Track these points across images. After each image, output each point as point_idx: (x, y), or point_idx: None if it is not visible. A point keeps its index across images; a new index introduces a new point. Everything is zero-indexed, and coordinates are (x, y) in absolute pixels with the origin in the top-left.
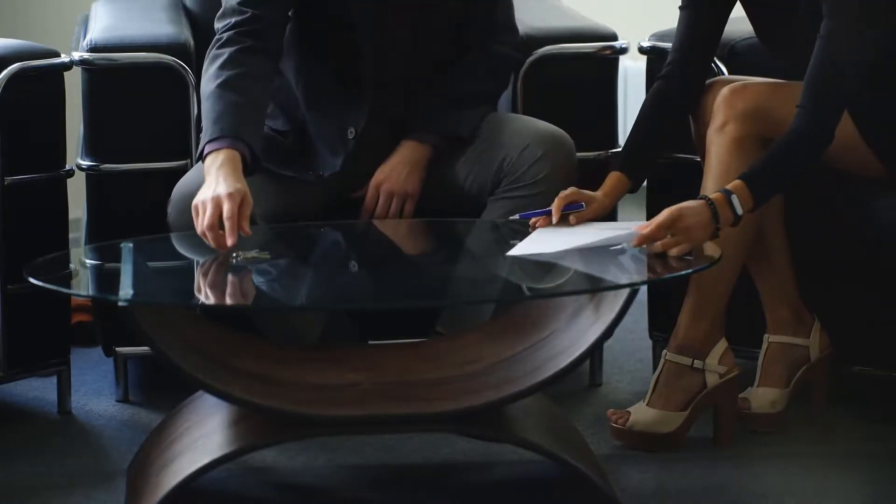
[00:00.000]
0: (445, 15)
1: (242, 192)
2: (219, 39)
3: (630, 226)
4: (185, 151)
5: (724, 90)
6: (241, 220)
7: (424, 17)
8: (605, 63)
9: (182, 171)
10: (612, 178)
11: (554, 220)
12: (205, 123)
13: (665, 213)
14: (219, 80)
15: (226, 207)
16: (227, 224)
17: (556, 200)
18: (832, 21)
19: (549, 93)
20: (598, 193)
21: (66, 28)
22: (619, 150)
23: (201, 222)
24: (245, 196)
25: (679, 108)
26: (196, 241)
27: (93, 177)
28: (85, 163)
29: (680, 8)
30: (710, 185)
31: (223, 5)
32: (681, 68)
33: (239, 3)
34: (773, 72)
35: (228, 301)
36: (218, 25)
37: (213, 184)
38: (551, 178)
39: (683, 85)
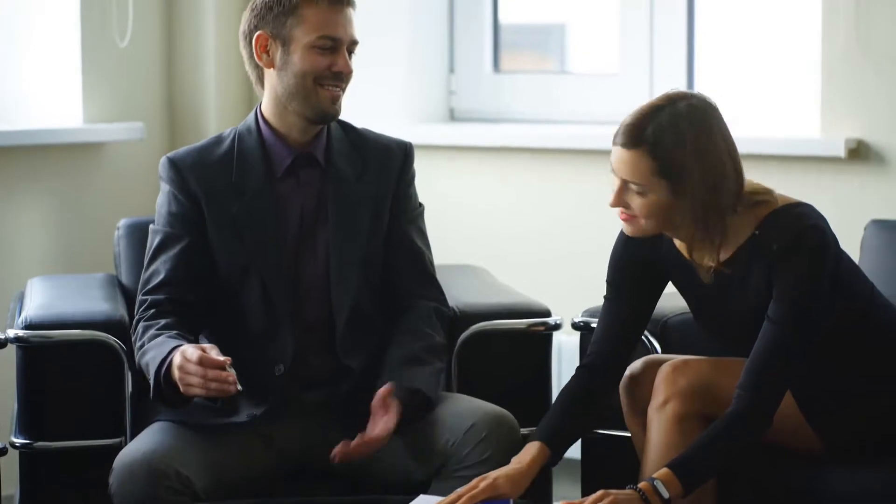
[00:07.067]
0: (358, 262)
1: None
2: (137, 321)
3: None
4: (119, 429)
5: (665, 367)
6: (212, 357)
7: (337, 264)
8: (538, 339)
9: (117, 448)
10: (533, 448)
11: None
12: (150, 372)
13: (595, 494)
14: (144, 341)
15: (194, 355)
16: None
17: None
18: (783, 306)
19: (482, 368)
20: (517, 466)
21: (1, 305)
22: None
23: (196, 381)
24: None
25: (601, 396)
26: None
27: (26, 455)
28: (18, 441)
29: (605, 298)
30: (651, 464)
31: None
32: (603, 359)
33: (143, 293)
34: (706, 348)
35: None
36: (136, 310)
37: (176, 361)
38: (496, 457)
39: (605, 377)
